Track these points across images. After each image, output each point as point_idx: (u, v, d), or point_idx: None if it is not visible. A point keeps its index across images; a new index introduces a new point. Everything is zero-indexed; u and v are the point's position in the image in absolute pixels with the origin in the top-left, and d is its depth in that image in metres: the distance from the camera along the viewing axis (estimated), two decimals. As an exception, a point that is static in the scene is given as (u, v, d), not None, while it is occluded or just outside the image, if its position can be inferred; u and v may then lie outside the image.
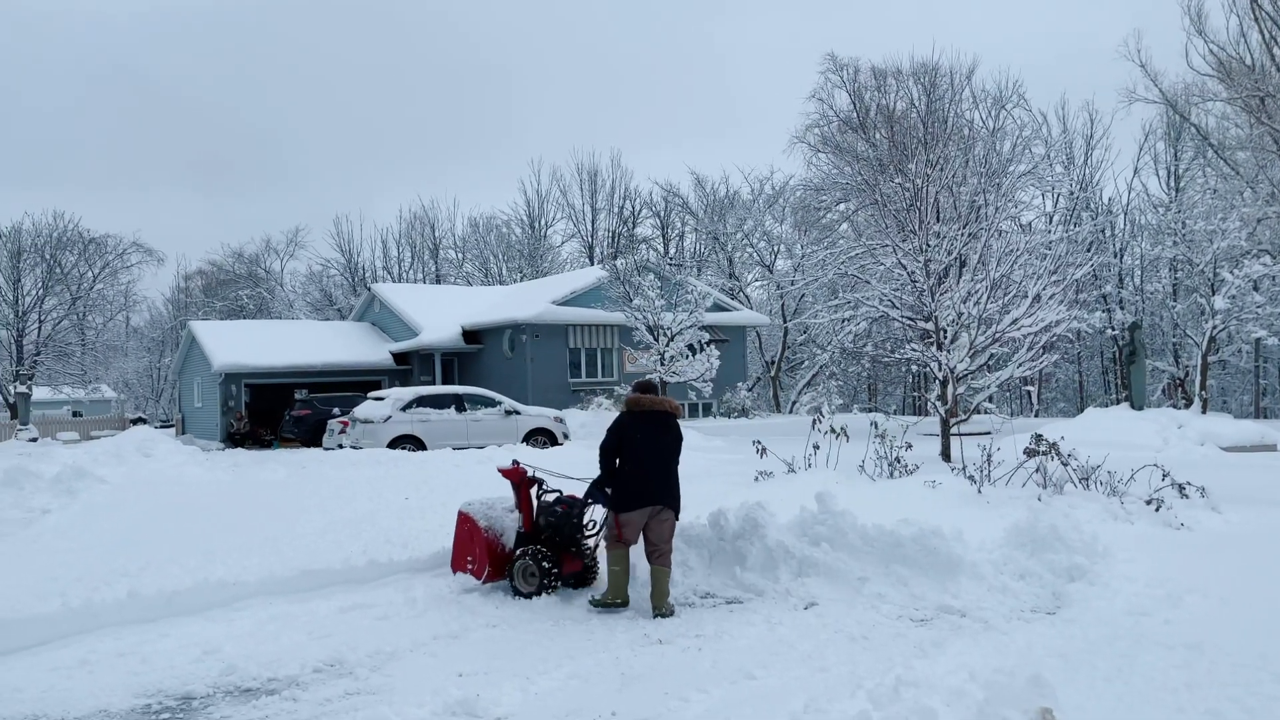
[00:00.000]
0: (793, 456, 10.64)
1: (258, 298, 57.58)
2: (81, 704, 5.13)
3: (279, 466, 16.82)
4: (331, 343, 32.69)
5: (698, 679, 5.19)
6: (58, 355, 46.84)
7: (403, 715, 4.70)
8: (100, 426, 42.51)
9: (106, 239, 49.53)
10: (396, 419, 19.72)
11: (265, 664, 5.71)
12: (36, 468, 15.35)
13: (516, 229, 55.73)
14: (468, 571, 7.36)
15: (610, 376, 29.48)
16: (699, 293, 24.75)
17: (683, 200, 48.53)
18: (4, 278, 45.99)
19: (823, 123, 40.70)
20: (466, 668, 5.53)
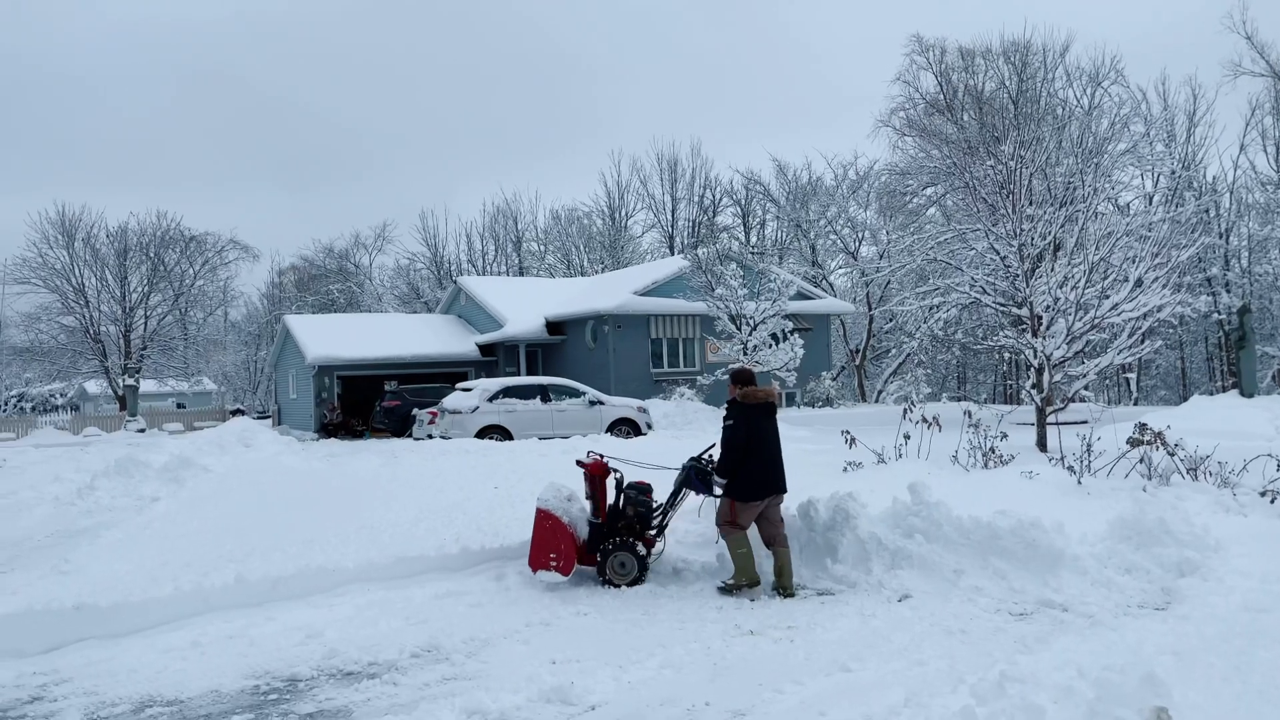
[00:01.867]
0: (882, 447, 10.46)
1: (348, 292, 59.12)
2: (194, 684, 5.34)
3: (371, 456, 17.23)
4: (419, 335, 33.37)
5: (791, 671, 5.13)
6: (162, 349, 48.90)
7: (499, 701, 4.76)
8: (202, 418, 44.26)
9: (206, 237, 51.44)
10: (484, 409, 20.03)
11: (365, 648, 5.86)
12: (145, 457, 16.07)
13: (597, 220, 56.04)
14: (550, 569, 7.12)
15: (692, 366, 29.43)
16: (782, 281, 24.50)
17: (764, 188, 48.10)
18: (112, 275, 48.13)
19: (908, 106, 39.81)
20: (559, 655, 5.58)
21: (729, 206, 53.22)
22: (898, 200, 37.56)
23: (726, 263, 25.51)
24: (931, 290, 24.96)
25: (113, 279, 48.10)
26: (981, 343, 16.63)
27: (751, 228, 51.63)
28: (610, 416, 20.85)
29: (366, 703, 4.96)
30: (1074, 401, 13.27)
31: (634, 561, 7.20)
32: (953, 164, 25.21)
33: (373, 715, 4.73)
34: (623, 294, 28.81)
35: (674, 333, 29.39)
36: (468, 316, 35.25)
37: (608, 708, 4.74)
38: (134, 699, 5.14)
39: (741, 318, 23.74)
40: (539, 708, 4.75)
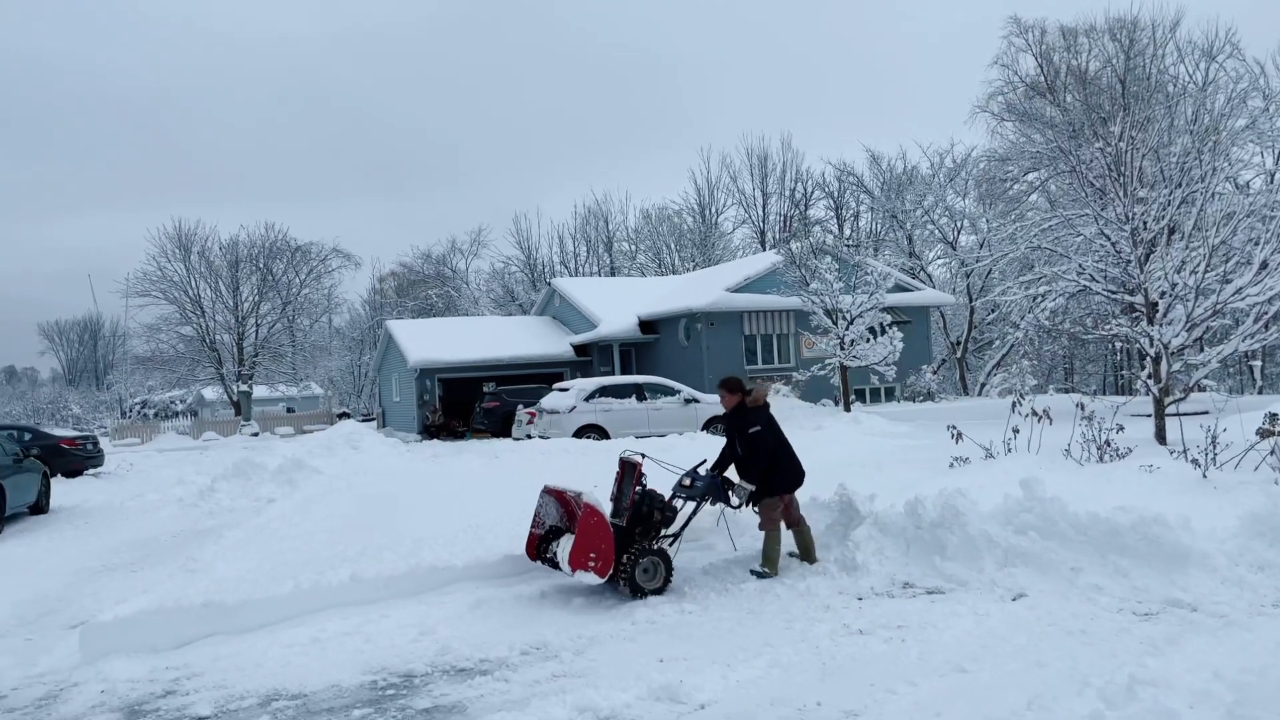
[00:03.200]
0: (990, 441, 10.15)
1: (445, 296, 60.47)
2: (316, 679, 5.53)
3: (473, 457, 17.58)
4: (515, 337, 33.90)
5: (904, 671, 5.02)
6: (273, 356, 50.89)
7: (609, 699, 4.79)
8: (311, 421, 45.89)
9: (310, 246, 53.40)
10: (581, 409, 20.23)
11: (476, 645, 5.97)
12: (261, 460, 16.75)
13: (688, 218, 56.02)
14: (589, 569, 6.66)
15: (787, 362, 29.14)
16: (879, 273, 24.03)
17: (857, 179, 47.31)
18: (225, 286, 50.29)
19: (1007, 89, 38.65)
20: (666, 653, 5.59)
21: (821, 199, 52.61)
22: (998, 187, 36.47)
23: (821, 256, 25.15)
24: (1037, 279, 24.12)
25: (226, 289, 50.26)
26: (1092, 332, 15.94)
27: (845, 220, 50.88)
28: (706, 414, 20.80)
29: (480, 699, 5.06)
30: (1194, 391, 12.61)
31: (663, 566, 7.02)
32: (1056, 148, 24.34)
33: (486, 711, 4.81)
34: (715, 291, 28.71)
35: (768, 329, 29.16)
36: (562, 317, 35.66)
37: (717, 706, 4.72)
38: (260, 692, 5.35)
39: (838, 312, 23.38)
40: (649, 705, 4.76)
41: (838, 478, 9.48)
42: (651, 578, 6.94)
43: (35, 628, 7.42)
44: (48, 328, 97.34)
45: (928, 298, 31.82)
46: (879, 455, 12.93)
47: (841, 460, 12.49)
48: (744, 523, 8.29)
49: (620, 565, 6.83)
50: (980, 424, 11.72)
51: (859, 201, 49.60)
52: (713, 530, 8.57)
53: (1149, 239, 13.63)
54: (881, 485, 8.94)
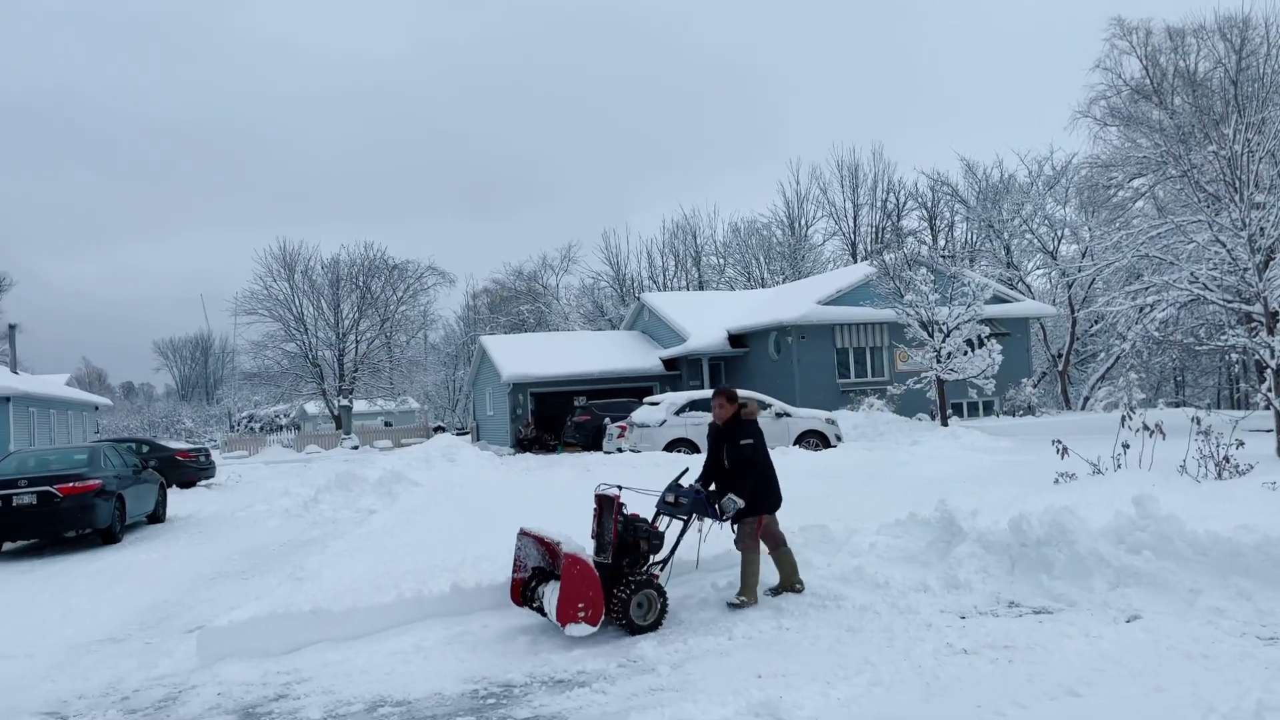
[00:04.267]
0: (1097, 457, 9.79)
1: (536, 312, 61.33)
2: (419, 686, 5.65)
3: (565, 470, 17.78)
4: (605, 351, 34.15)
5: (1013, 693, 4.86)
6: (371, 371, 52.40)
7: (708, 714, 4.77)
8: (408, 435, 47.02)
9: (407, 264, 54.89)
10: (671, 423, 20.24)
11: (574, 657, 6.02)
12: (362, 473, 17.24)
13: (777, 231, 55.68)
14: (579, 620, 6.22)
15: (881, 376, 28.64)
16: (976, 284, 23.45)
17: (952, 188, 46.29)
18: (326, 304, 52.03)
19: (1110, 93, 37.37)
20: (764, 669, 5.53)
21: (914, 210, 51.65)
22: (1101, 194, 35.21)
23: (915, 267, 24.68)
24: (1144, 288, 23.18)
25: (327, 307, 52.00)
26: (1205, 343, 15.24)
27: (939, 230, 49.84)
28: (797, 429, 20.59)
29: (579, 710, 5.09)
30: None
31: (658, 599, 6.62)
32: (1164, 152, 23.40)
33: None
34: (806, 304, 28.43)
35: (861, 342, 28.72)
36: (651, 332, 35.79)
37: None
38: (367, 698, 5.50)
39: (933, 324, 22.89)
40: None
41: (937, 493, 9.30)
42: (647, 612, 6.55)
43: (155, 631, 7.77)
44: (162, 345, 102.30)
45: (1027, 309, 30.92)
46: (979, 471, 12.60)
47: (940, 476, 12.23)
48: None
49: (612, 605, 6.42)
50: (1085, 439, 11.31)
51: (953, 211, 48.53)
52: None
53: (1268, 246, 12.99)
54: (983, 501, 8.71)
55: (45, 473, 13.39)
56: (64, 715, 5.60)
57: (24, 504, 12.80)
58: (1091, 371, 37.94)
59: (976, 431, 18.87)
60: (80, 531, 13.28)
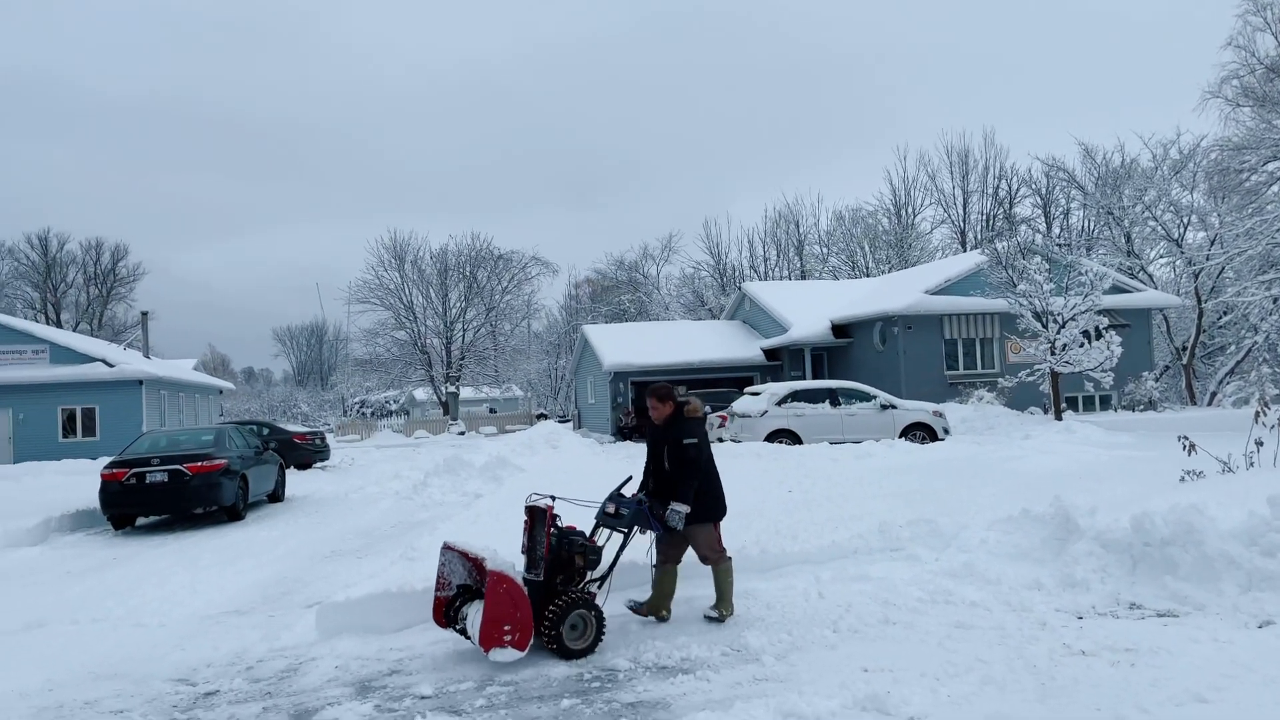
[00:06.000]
0: (1228, 454, 9.28)
1: (637, 301, 61.64)
2: (525, 668, 5.74)
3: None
4: (705, 341, 34.10)
5: (1135, 697, 4.67)
6: (477, 359, 53.58)
7: (813, 705, 4.72)
8: (512, 422, 47.92)
9: (512, 255, 55.89)
10: (772, 414, 20.07)
11: (675, 644, 6.03)
12: (468, 458, 17.65)
13: (883, 219, 54.56)
14: (504, 644, 5.64)
15: (991, 368, 27.81)
16: (1094, 273, 22.48)
17: (1068, 174, 44.48)
18: (435, 293, 53.39)
19: (1243, 72, 35.15)
20: (870, 663, 5.45)
21: (1027, 197, 49.91)
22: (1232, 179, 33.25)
23: (1029, 256, 23.82)
24: (1279, 278, 21.86)
25: (435, 296, 53.38)
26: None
27: (1054, 218, 47.99)
28: (903, 421, 20.15)
29: (683, 697, 5.11)
30: None
31: (593, 620, 5.99)
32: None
33: (689, 710, 4.85)
34: (913, 293, 27.80)
35: (970, 333, 27.92)
36: (752, 322, 35.55)
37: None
38: (475, 677, 5.63)
39: (1048, 314, 22.06)
40: (854, 714, 4.66)
41: (1051, 489, 8.98)
42: (580, 635, 5.94)
43: (276, 605, 8.13)
44: (280, 333, 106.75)
45: (1149, 299, 29.53)
46: (1096, 467, 12.09)
47: (1054, 471, 11.79)
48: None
49: (542, 627, 5.83)
50: (1213, 436, 10.76)
51: (1069, 198, 46.62)
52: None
53: None
54: (1102, 499, 8.37)
55: (175, 452, 14.14)
56: (194, 682, 5.91)
57: (156, 481, 13.55)
58: (1219, 365, 36.00)
59: (1093, 426, 18.12)
60: (207, 508, 13.98)
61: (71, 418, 31.75)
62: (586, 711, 4.97)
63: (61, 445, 31.16)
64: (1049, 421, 21.08)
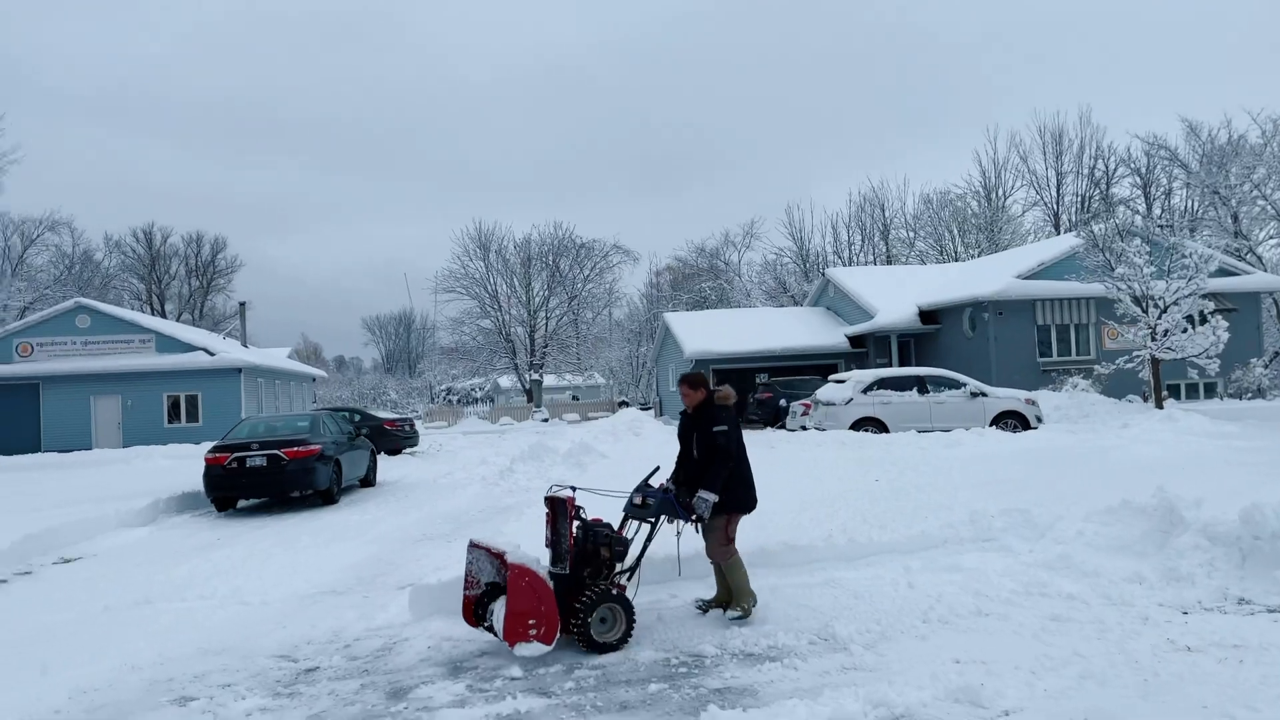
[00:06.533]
0: (1346, 444, 8.81)
1: (718, 288, 61.41)
2: (614, 654, 5.80)
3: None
4: (788, 328, 33.78)
5: (1243, 695, 4.48)
6: (560, 347, 54.17)
7: (904, 696, 4.65)
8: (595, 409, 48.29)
9: (594, 243, 56.30)
10: (858, 401, 19.79)
11: (762, 631, 6.02)
12: (552, 444, 17.87)
13: (972, 202, 53.20)
14: (530, 639, 5.57)
15: (1086, 354, 26.92)
16: (1199, 256, 21.53)
17: (1170, 152, 42.68)
18: (518, 282, 54.12)
19: (1362, 38, 33.20)
20: (961, 655, 5.35)
21: (1125, 176, 48.08)
22: (1350, 153, 31.49)
23: (1128, 238, 22.91)
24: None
25: (519, 285, 54.13)
26: None
27: (1154, 199, 46.12)
28: (994, 409, 19.65)
29: (770, 684, 5.09)
30: None
31: (622, 613, 5.90)
32: None
33: (778, 697, 4.84)
34: (1004, 278, 27.06)
35: (1064, 318, 27.06)
36: (836, 308, 35.08)
37: (1023, 714, 4.44)
38: (563, 660, 5.70)
39: (1148, 299, 21.22)
40: (946, 706, 4.58)
41: (1152, 480, 8.66)
42: (609, 628, 5.86)
43: (371, 586, 8.37)
44: (369, 322, 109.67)
45: (1258, 282, 28.16)
46: (1200, 457, 11.63)
47: (1154, 461, 11.38)
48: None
49: (570, 620, 5.79)
50: (1331, 425, 10.21)
51: (1171, 177, 44.75)
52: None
53: None
54: (1208, 490, 8.03)
55: (273, 438, 14.65)
56: (295, 659, 6.13)
57: (256, 465, 14.06)
58: (1335, 351, 34.16)
59: (1197, 415, 17.39)
60: (303, 492, 14.45)
61: (176, 404, 33.17)
62: (674, 696, 4.99)
63: (167, 430, 32.61)
64: (1149, 410, 20.30)
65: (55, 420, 32.57)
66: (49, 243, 64.61)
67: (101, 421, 32.79)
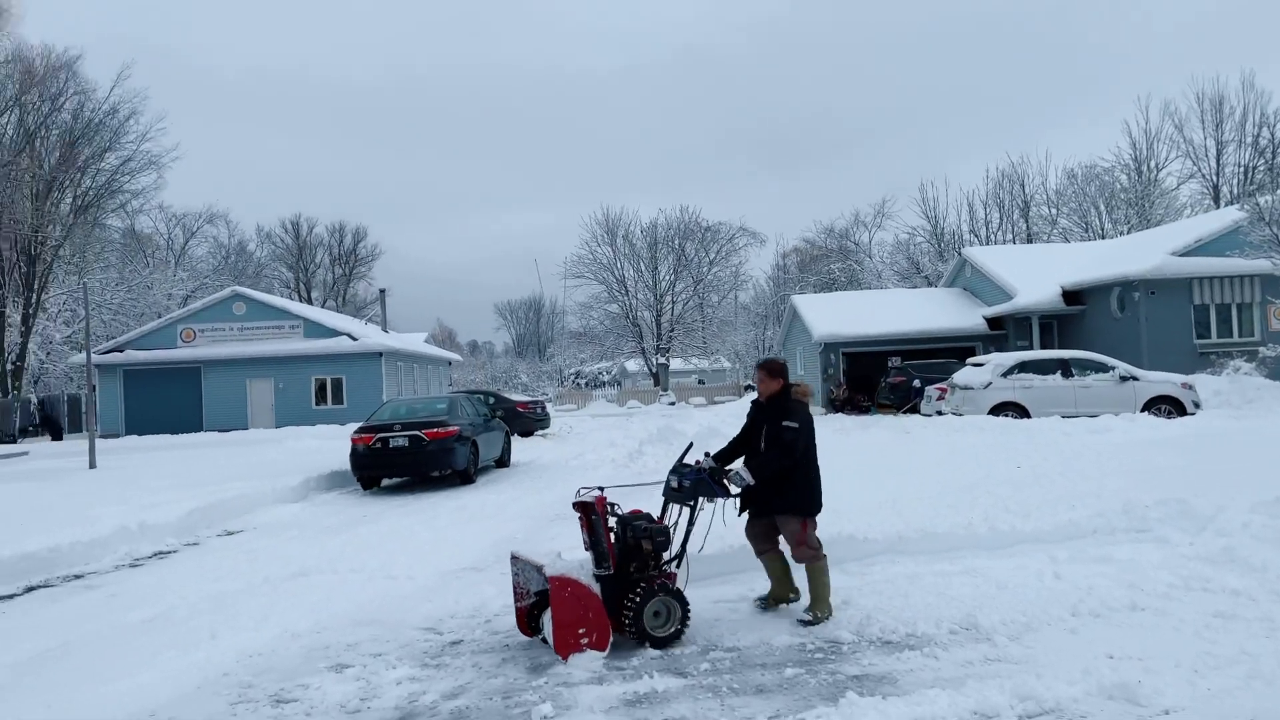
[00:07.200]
0: None
1: (848, 270, 60.19)
2: (747, 635, 5.80)
3: (882, 431, 17.40)
4: (921, 310, 32.85)
5: None
6: (686, 331, 54.33)
7: (1054, 690, 4.48)
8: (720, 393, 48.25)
9: (719, 226, 56.14)
10: (997, 385, 19.11)
11: (900, 619, 5.89)
12: (680, 427, 17.96)
13: (1121, 176, 50.29)
14: (583, 650, 5.49)
15: (1249, 336, 25.15)
16: (1380, 228, 19.81)
17: (1348, 115, 39.29)
18: (645, 267, 54.49)
19: None
20: (1115, 650, 5.11)
21: (1296, 143, 44.41)
22: None
23: (1298, 211, 21.26)
24: None
25: (645, 269, 54.48)
26: None
27: (1328, 166, 42.55)
28: (1146, 394, 18.62)
29: (910, 673, 4.99)
30: None
31: (676, 606, 5.75)
32: None
33: (918, 686, 4.73)
34: (1157, 255, 25.53)
35: (1224, 297, 25.34)
36: (973, 289, 33.88)
37: (1184, 714, 4.22)
38: (699, 642, 5.73)
39: (1321, 276, 19.66)
40: (1100, 703, 4.38)
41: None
42: (664, 622, 5.71)
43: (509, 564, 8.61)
44: (501, 307, 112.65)
45: None
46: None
47: (1331, 450, 10.57)
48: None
49: (623, 619, 5.64)
50: None
51: (1349, 142, 41.20)
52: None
53: None
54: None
55: (414, 419, 15.25)
56: (440, 632, 6.38)
57: (398, 446, 14.67)
58: None
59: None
60: (442, 472, 15.00)
61: (323, 386, 34.93)
62: (811, 681, 4.95)
63: (314, 411, 34.39)
64: (1322, 395, 18.84)
65: (215, 401, 34.80)
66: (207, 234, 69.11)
67: (256, 403, 34.84)
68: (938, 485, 9.94)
